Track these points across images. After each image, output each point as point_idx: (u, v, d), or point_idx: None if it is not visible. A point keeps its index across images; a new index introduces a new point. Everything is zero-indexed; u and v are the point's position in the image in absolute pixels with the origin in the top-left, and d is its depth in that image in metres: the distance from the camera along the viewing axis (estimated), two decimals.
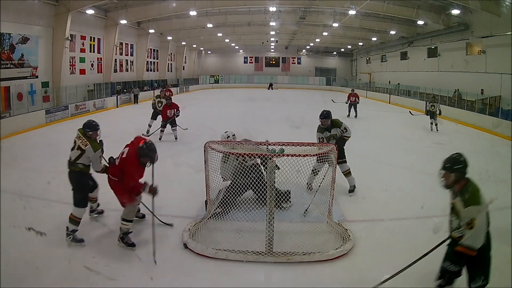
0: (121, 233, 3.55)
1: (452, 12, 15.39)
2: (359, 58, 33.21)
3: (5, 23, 11.31)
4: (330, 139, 4.84)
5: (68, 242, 3.50)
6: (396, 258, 3.47)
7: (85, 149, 3.60)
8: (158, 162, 3.50)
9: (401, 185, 5.35)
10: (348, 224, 4.02)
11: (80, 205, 3.60)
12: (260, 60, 36.98)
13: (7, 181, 5.10)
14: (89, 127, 3.69)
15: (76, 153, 3.64)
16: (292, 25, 22.58)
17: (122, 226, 3.53)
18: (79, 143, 3.65)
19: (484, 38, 14.61)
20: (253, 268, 3.23)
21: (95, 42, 17.64)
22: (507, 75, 13.11)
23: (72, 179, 3.66)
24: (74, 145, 3.68)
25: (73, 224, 3.53)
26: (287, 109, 15.57)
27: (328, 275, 3.16)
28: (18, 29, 12.15)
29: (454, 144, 9.05)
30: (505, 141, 9.89)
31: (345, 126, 4.91)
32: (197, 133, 9.20)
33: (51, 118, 11.73)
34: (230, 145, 4.14)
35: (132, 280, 3.00)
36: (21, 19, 12.14)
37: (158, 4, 17.23)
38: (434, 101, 11.28)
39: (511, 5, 12.37)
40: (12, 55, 12.05)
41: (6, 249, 3.25)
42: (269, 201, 3.33)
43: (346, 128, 4.88)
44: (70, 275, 3.05)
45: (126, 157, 3.47)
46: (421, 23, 17.54)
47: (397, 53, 24.45)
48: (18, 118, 10.46)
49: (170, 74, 28.81)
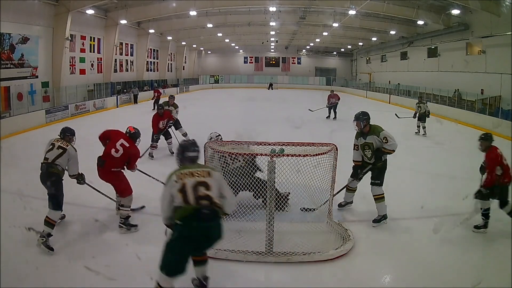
0: (122, 219, 3.80)
1: (452, 12, 15.40)
2: (359, 58, 33.22)
3: (5, 23, 11.31)
4: (365, 149, 4.09)
5: (38, 244, 3.34)
6: (396, 258, 3.48)
7: (67, 148, 3.67)
8: (158, 162, 3.52)
9: (401, 185, 5.35)
10: (348, 224, 4.02)
11: (59, 208, 3.57)
12: (260, 60, 36.98)
13: (7, 181, 5.10)
14: (69, 131, 3.86)
15: (56, 152, 3.63)
16: (292, 25, 22.58)
17: (122, 212, 3.78)
18: (60, 143, 3.70)
19: (484, 38, 14.61)
20: (253, 268, 3.23)
21: (95, 42, 17.64)
22: (507, 75, 13.11)
23: (51, 180, 3.56)
24: (52, 146, 3.67)
25: (49, 227, 3.43)
26: (287, 109, 15.55)
27: (328, 275, 3.16)
28: (18, 29, 12.15)
29: (454, 144, 9.05)
30: (505, 141, 9.86)
31: (387, 135, 3.96)
32: (197, 133, 9.18)
33: (51, 118, 11.73)
34: (230, 145, 4.13)
35: (132, 280, 3.00)
36: (21, 19, 12.14)
37: (158, 4, 17.23)
38: (421, 101, 10.36)
39: (511, 5, 12.37)
40: (12, 55, 12.06)
41: (6, 249, 3.26)
42: (269, 201, 3.33)
43: (386, 138, 3.93)
44: (70, 275, 3.05)
45: (128, 146, 3.88)
46: (421, 23, 17.53)
47: (397, 53, 24.45)
48: (18, 118, 10.46)
49: (170, 74, 28.81)
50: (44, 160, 3.64)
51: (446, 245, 3.63)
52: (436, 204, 4.76)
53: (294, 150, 3.73)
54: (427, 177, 5.70)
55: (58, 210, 3.55)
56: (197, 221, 2.35)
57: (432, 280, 3.07)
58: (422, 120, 10.12)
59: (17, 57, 12.31)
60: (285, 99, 21.60)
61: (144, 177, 4.56)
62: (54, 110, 12.14)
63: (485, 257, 3.53)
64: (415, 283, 3.03)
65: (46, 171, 3.59)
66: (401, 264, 3.38)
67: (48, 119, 11.57)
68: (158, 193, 3.60)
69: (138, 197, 4.24)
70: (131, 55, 22.14)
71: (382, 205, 4.12)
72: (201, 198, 2.41)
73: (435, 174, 6.14)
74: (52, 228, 3.45)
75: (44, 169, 3.61)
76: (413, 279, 3.09)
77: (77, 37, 15.99)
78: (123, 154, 3.85)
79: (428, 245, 3.67)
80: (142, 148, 4.18)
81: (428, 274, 3.15)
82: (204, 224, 2.37)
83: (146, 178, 4.57)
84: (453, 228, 3.90)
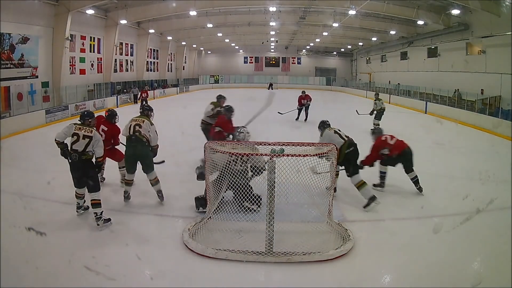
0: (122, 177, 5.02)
1: (452, 12, 15.38)
2: (359, 58, 33.21)
3: (5, 23, 11.31)
4: None
5: (101, 224, 3.79)
6: (396, 258, 3.48)
7: (92, 135, 3.88)
8: None
9: (401, 185, 5.35)
10: (348, 224, 4.02)
11: (99, 188, 3.92)
12: (260, 60, 36.98)
13: (7, 181, 5.10)
14: (88, 115, 4.06)
15: (83, 142, 3.83)
16: (292, 25, 22.58)
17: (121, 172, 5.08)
18: (83, 132, 3.86)
19: (484, 38, 14.60)
20: (253, 268, 3.23)
21: (95, 42, 17.64)
22: (507, 75, 13.11)
23: (87, 167, 3.87)
24: (76, 137, 3.83)
25: (98, 207, 3.83)
26: (287, 109, 15.54)
27: (328, 275, 3.16)
28: (18, 29, 12.15)
29: (454, 144, 9.04)
30: (505, 141, 9.88)
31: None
32: (197, 133, 9.19)
33: (51, 118, 11.72)
34: (230, 145, 4.13)
35: (132, 280, 3.00)
36: (21, 19, 12.14)
37: (158, 4, 17.23)
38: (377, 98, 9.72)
39: (511, 5, 12.37)
40: (12, 55, 12.05)
41: (6, 249, 3.26)
42: (269, 201, 3.33)
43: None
44: (70, 275, 3.04)
45: (106, 129, 4.92)
46: (421, 23, 17.54)
47: (397, 53, 24.45)
48: (18, 118, 10.45)
49: (170, 74, 28.81)
50: (73, 151, 3.84)
51: (446, 245, 3.63)
52: (436, 204, 4.76)
53: (294, 150, 3.72)
54: (427, 177, 5.68)
55: (98, 190, 3.89)
56: (129, 143, 4.46)
57: (432, 280, 3.07)
58: (378, 118, 9.71)
59: (17, 57, 12.30)
60: (285, 99, 21.55)
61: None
62: (54, 110, 12.14)
63: (485, 257, 3.53)
64: (415, 283, 3.03)
65: (79, 160, 3.83)
66: (401, 264, 3.38)
67: (48, 119, 11.57)
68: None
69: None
70: (131, 55, 22.13)
71: (365, 190, 4.48)
72: (134, 131, 4.42)
73: (435, 174, 6.13)
74: (100, 206, 3.84)
75: (76, 158, 3.82)
76: (413, 279, 3.09)
77: (77, 37, 15.99)
78: (106, 136, 4.76)
79: (428, 245, 3.67)
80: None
81: (428, 274, 3.15)
82: (132, 144, 4.42)
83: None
84: (453, 228, 3.90)
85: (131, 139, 4.39)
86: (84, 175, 3.86)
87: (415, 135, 10.15)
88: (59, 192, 4.65)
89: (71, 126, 3.91)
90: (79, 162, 3.83)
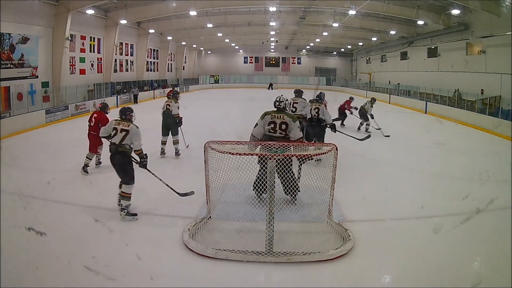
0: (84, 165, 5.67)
1: (452, 12, 15.37)
2: (359, 58, 33.19)
3: (5, 23, 11.29)
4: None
5: (122, 217, 4.00)
6: (396, 258, 3.48)
7: (129, 129, 4.16)
8: (158, 162, 3.53)
9: (401, 185, 5.35)
10: (348, 224, 4.01)
11: (132, 182, 4.13)
12: (260, 60, 36.94)
13: (7, 181, 5.09)
14: (128, 110, 4.40)
15: (120, 136, 4.13)
16: (292, 25, 22.56)
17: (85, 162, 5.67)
18: (121, 126, 4.18)
19: (484, 38, 14.59)
20: (253, 268, 3.23)
21: (95, 42, 17.62)
22: (507, 75, 13.10)
23: (122, 159, 4.11)
24: (115, 131, 4.17)
25: (127, 200, 4.07)
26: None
27: (328, 275, 3.16)
28: (18, 29, 12.14)
29: (454, 144, 9.04)
30: (505, 141, 9.88)
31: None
32: (197, 133, 9.19)
33: (51, 118, 11.72)
34: (230, 145, 4.13)
35: (132, 280, 3.00)
36: (21, 19, 12.12)
37: (158, 4, 17.21)
38: (372, 104, 9.84)
39: (511, 5, 12.37)
40: (12, 55, 12.04)
41: (6, 249, 3.25)
42: (269, 201, 3.33)
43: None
44: (70, 275, 3.04)
45: (96, 116, 5.88)
46: (421, 23, 17.52)
47: (397, 53, 24.43)
48: (18, 118, 10.44)
49: (170, 74, 28.79)
50: (112, 144, 4.16)
51: (446, 245, 3.63)
52: (436, 204, 4.76)
53: (294, 150, 3.73)
54: (427, 177, 5.70)
55: (131, 184, 4.11)
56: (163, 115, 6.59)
57: (432, 280, 3.07)
58: (365, 118, 9.77)
59: (17, 57, 12.29)
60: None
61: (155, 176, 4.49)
62: (54, 110, 12.13)
63: (485, 257, 3.53)
64: (415, 283, 3.03)
65: (116, 152, 4.12)
66: (401, 264, 3.38)
67: (48, 119, 11.56)
68: (158, 193, 3.59)
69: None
70: (131, 55, 22.12)
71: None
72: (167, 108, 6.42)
73: (435, 174, 6.13)
74: (129, 200, 4.07)
75: (114, 150, 4.13)
76: (413, 279, 3.09)
77: (77, 37, 15.97)
78: (95, 123, 5.81)
79: (428, 245, 3.67)
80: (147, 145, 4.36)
81: (428, 274, 3.15)
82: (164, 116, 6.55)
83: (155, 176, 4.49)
84: (453, 228, 3.90)
85: (164, 113, 6.54)
86: (119, 168, 4.13)
87: (415, 135, 10.19)
88: (59, 192, 4.65)
89: (111, 122, 4.32)
90: (115, 154, 4.12)
